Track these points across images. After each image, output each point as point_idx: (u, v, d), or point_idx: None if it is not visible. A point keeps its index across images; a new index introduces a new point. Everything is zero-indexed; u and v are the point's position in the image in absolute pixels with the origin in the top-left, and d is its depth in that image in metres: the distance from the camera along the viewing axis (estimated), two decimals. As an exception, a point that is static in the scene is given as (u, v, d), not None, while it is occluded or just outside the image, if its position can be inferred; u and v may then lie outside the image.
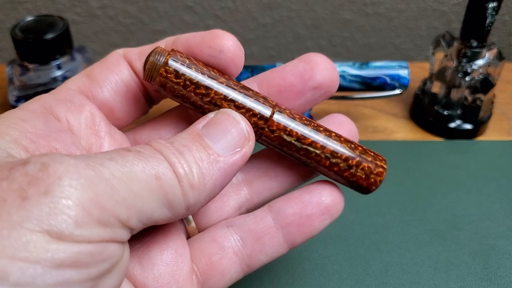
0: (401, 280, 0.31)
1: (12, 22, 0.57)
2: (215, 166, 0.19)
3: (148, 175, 0.17)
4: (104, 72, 0.22)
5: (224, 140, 0.19)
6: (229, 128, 0.20)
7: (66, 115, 0.20)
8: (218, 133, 0.19)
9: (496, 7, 0.37)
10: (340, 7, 0.57)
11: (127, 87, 0.22)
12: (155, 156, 0.18)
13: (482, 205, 0.36)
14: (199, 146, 0.19)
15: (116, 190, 0.16)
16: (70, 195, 0.15)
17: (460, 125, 0.42)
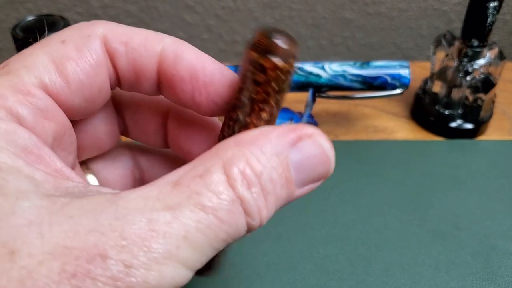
0: (401, 279, 0.31)
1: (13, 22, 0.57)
2: (287, 200, 0.17)
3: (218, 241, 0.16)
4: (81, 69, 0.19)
5: (308, 176, 0.18)
6: (318, 165, 0.18)
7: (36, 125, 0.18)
8: (306, 168, 0.17)
9: (497, 6, 0.37)
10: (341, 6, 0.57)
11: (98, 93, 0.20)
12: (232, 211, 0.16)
13: (483, 204, 0.36)
14: (284, 179, 0.17)
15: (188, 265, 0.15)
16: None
17: (461, 124, 0.42)
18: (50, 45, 0.18)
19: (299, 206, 0.36)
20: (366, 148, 0.41)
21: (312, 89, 0.40)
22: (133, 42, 0.19)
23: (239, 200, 0.16)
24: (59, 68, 0.18)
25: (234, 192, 0.16)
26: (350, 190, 0.37)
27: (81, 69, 0.18)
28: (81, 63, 0.18)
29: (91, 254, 0.14)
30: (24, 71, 0.18)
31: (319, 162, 0.18)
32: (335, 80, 0.39)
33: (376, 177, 0.38)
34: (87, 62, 0.18)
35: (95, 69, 0.19)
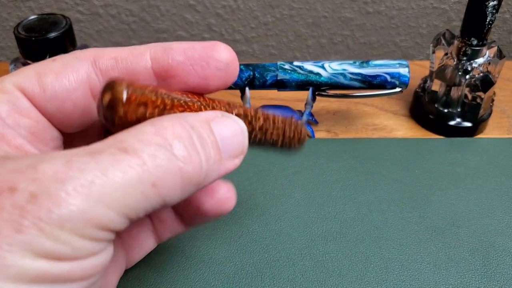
0: (401, 276, 0.31)
1: (15, 21, 0.57)
2: (217, 168, 0.19)
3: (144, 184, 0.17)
4: (58, 81, 0.21)
5: (229, 145, 0.20)
6: (236, 136, 0.20)
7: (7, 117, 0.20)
8: (226, 135, 0.20)
9: (497, 5, 0.37)
10: (341, 5, 0.57)
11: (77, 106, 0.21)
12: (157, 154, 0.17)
13: (482, 202, 0.36)
14: (211, 142, 0.19)
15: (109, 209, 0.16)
16: (60, 224, 0.15)
17: (460, 123, 0.42)
18: (42, 62, 0.21)
19: (299, 203, 0.36)
20: (365, 146, 0.41)
21: (312, 87, 0.40)
22: (121, 54, 0.21)
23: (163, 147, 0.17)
24: (39, 77, 0.20)
25: (160, 137, 0.17)
26: (350, 188, 0.37)
27: (59, 82, 0.20)
28: (60, 76, 0.20)
29: (2, 188, 0.15)
30: (7, 77, 0.20)
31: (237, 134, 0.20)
32: (335, 78, 0.39)
33: (375, 175, 0.38)
34: (66, 77, 0.20)
35: (73, 84, 0.21)
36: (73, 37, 0.39)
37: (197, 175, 0.18)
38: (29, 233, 0.15)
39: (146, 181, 0.16)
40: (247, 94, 0.40)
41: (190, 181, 0.18)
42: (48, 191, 0.15)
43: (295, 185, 0.37)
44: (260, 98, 0.46)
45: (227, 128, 0.20)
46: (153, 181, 0.17)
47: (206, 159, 0.18)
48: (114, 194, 0.16)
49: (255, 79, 0.40)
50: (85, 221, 0.16)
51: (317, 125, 0.44)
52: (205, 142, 0.19)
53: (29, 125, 0.20)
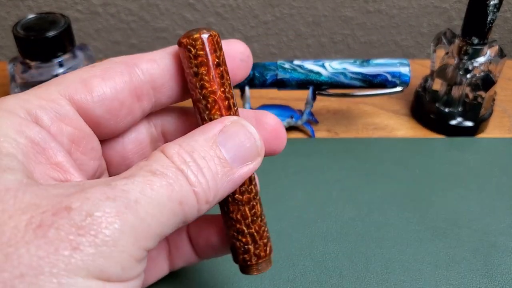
0: (401, 277, 0.31)
1: (14, 20, 0.57)
2: (227, 178, 0.20)
3: (173, 202, 0.18)
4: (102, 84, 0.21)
5: (238, 152, 0.20)
6: (245, 142, 0.20)
7: (51, 125, 0.20)
8: (234, 144, 0.20)
9: (498, 4, 0.37)
10: (341, 4, 0.57)
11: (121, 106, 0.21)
12: (178, 177, 0.18)
13: (483, 202, 0.36)
14: (216, 158, 0.19)
15: (150, 228, 0.17)
16: (115, 243, 0.16)
17: (461, 122, 0.42)
18: (81, 69, 0.21)
19: (299, 203, 0.36)
20: (366, 145, 0.41)
21: (312, 87, 0.40)
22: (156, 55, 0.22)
23: (180, 171, 0.18)
24: (85, 82, 0.20)
25: (174, 164, 0.19)
26: (351, 188, 0.37)
27: (106, 83, 0.20)
28: (106, 78, 0.21)
29: (57, 208, 0.16)
30: (52, 85, 0.20)
31: (245, 139, 0.20)
32: (336, 78, 0.39)
33: (376, 175, 0.38)
34: (112, 78, 0.21)
35: (120, 84, 0.21)
36: (72, 36, 0.39)
37: (206, 193, 0.19)
38: (86, 251, 0.15)
39: (175, 199, 0.18)
40: (247, 93, 0.40)
41: (202, 199, 0.19)
42: (103, 209, 0.16)
43: (295, 185, 0.37)
44: (260, 97, 0.46)
45: (236, 136, 0.20)
46: (179, 199, 0.18)
47: (213, 176, 0.19)
48: (153, 212, 0.17)
49: (255, 78, 0.40)
50: (133, 239, 0.17)
51: (317, 124, 0.44)
52: (210, 160, 0.19)
53: (71, 133, 0.20)
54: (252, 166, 0.21)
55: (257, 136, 0.21)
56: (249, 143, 0.20)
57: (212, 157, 0.19)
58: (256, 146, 0.21)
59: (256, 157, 0.21)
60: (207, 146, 0.20)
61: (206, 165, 0.19)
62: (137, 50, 0.60)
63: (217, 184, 0.19)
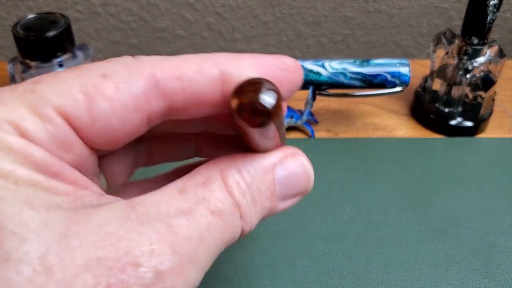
0: (401, 277, 0.31)
1: (13, 20, 0.57)
2: (269, 213, 0.19)
3: (225, 244, 0.18)
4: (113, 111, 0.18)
5: (290, 190, 0.20)
6: (300, 180, 0.20)
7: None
8: (289, 182, 0.20)
9: (497, 4, 0.37)
10: (341, 4, 0.57)
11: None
12: (234, 215, 0.18)
13: (483, 202, 0.36)
14: (269, 193, 0.19)
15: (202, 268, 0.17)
16: None
17: (460, 122, 0.42)
18: (89, 75, 0.17)
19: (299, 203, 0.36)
20: (366, 145, 0.41)
21: (312, 87, 0.40)
22: (187, 74, 0.18)
23: (236, 206, 0.18)
24: (89, 103, 0.16)
25: (232, 199, 0.18)
26: (350, 188, 0.37)
27: (113, 111, 0.17)
28: (115, 103, 0.17)
29: (123, 263, 0.14)
30: (51, 95, 0.16)
31: (300, 179, 0.20)
32: (335, 78, 0.39)
33: (376, 175, 0.38)
34: (122, 103, 0.17)
35: (130, 113, 0.17)
36: (71, 36, 0.39)
37: (251, 228, 0.19)
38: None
39: (226, 241, 0.18)
40: (247, 94, 0.40)
41: (245, 233, 0.19)
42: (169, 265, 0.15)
43: (295, 185, 0.37)
44: (260, 97, 0.46)
45: (293, 172, 0.20)
46: (229, 241, 0.18)
47: (261, 212, 0.19)
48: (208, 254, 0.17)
49: (255, 78, 0.40)
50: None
51: (317, 124, 0.44)
52: (263, 194, 0.19)
53: (71, 159, 0.17)
54: (295, 201, 0.20)
55: (311, 174, 0.20)
56: (302, 182, 0.20)
57: (266, 190, 0.19)
58: (307, 188, 0.20)
59: (302, 195, 0.21)
60: (265, 177, 0.19)
61: (260, 201, 0.19)
62: (137, 50, 0.60)
63: (260, 218, 0.19)
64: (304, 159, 0.20)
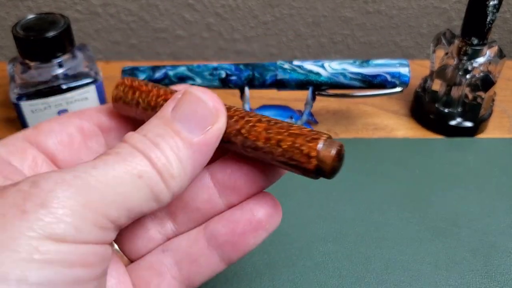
0: (401, 277, 0.31)
1: (13, 20, 0.57)
2: (190, 149, 0.19)
3: (131, 175, 0.18)
4: (50, 124, 0.23)
5: (193, 121, 0.20)
6: (196, 108, 0.20)
7: (9, 157, 0.21)
8: (187, 115, 0.20)
9: (497, 4, 0.37)
10: (341, 4, 0.57)
11: (71, 139, 0.23)
12: (133, 154, 0.18)
13: (483, 202, 0.36)
14: (171, 133, 0.19)
15: (104, 195, 0.17)
16: (64, 204, 0.16)
17: (460, 123, 0.42)
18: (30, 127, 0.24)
19: (299, 203, 0.36)
20: (366, 146, 0.41)
21: (312, 87, 0.40)
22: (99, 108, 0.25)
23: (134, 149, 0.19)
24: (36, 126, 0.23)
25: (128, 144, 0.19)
26: (350, 188, 0.37)
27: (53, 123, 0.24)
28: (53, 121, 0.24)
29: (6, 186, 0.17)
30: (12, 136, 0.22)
31: (196, 106, 0.20)
32: (335, 78, 0.39)
33: (376, 175, 0.38)
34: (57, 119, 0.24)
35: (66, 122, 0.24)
36: (71, 37, 0.39)
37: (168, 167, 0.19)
38: (34, 213, 0.16)
39: (131, 173, 0.18)
40: (246, 94, 0.40)
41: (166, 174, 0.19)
42: (49, 177, 0.17)
43: (295, 185, 0.37)
44: (259, 97, 0.46)
45: (186, 106, 0.20)
46: (137, 173, 0.18)
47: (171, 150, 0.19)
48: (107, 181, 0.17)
49: (255, 79, 0.40)
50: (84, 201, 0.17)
51: (317, 125, 0.44)
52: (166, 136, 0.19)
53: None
54: (215, 128, 0.20)
55: (209, 99, 0.20)
56: (200, 108, 0.20)
57: (167, 132, 0.19)
58: (209, 108, 0.20)
59: (214, 119, 0.20)
60: (162, 124, 0.20)
61: (163, 141, 0.19)
62: (136, 50, 0.60)
63: (180, 157, 0.19)
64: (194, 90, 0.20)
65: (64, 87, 0.38)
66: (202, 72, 0.40)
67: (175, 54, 0.61)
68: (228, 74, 0.40)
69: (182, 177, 0.19)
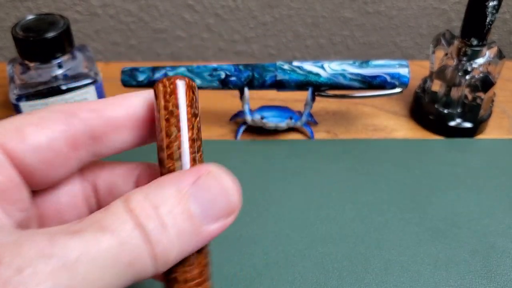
0: (401, 278, 0.31)
1: (13, 21, 0.57)
2: (195, 238, 0.18)
3: (121, 264, 0.16)
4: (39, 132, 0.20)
5: (210, 209, 0.18)
6: (219, 198, 0.19)
7: None
8: (206, 200, 0.18)
9: (497, 5, 0.37)
10: (341, 5, 0.57)
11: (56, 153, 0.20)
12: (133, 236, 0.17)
13: (482, 203, 0.36)
14: (184, 214, 0.18)
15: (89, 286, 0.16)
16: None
17: (460, 123, 0.42)
18: (19, 115, 0.20)
19: (298, 204, 0.36)
20: (365, 146, 0.41)
21: (311, 88, 0.40)
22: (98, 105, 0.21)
23: (139, 228, 0.17)
24: (18, 129, 0.19)
25: (133, 219, 0.17)
26: (350, 189, 0.37)
27: (40, 131, 0.19)
28: (40, 126, 0.19)
29: None
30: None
31: (219, 195, 0.19)
32: (335, 79, 0.39)
33: (375, 176, 0.38)
34: (47, 126, 0.20)
35: (55, 133, 0.20)
36: (71, 37, 0.39)
37: (168, 253, 0.17)
38: None
39: (123, 261, 0.16)
40: (246, 95, 0.40)
41: (161, 260, 0.17)
42: (35, 266, 0.15)
43: (295, 186, 0.37)
44: (259, 98, 0.46)
45: (209, 190, 0.18)
46: (129, 261, 0.16)
47: (178, 234, 0.17)
48: (94, 273, 0.16)
49: (254, 80, 0.40)
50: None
51: (316, 125, 0.44)
52: (177, 216, 0.18)
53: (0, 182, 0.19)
54: (224, 223, 0.19)
55: (232, 191, 0.19)
56: (222, 199, 0.19)
57: (180, 212, 0.18)
58: (229, 202, 0.19)
59: (229, 215, 0.19)
60: (177, 199, 0.18)
61: (173, 222, 0.17)
62: (136, 51, 0.60)
63: (181, 244, 0.18)
64: (221, 173, 0.19)
65: (64, 88, 0.38)
66: (202, 72, 0.40)
67: (174, 55, 0.61)
68: (227, 75, 0.40)
69: (173, 262, 0.18)
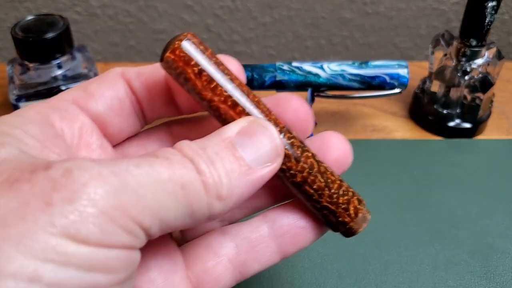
0: (400, 278, 0.31)
1: (12, 21, 0.57)
2: (245, 178, 0.18)
3: (174, 184, 0.17)
4: (100, 87, 0.21)
5: (257, 152, 0.19)
6: (264, 141, 0.19)
7: (61, 123, 0.20)
8: (252, 144, 0.19)
9: (496, 6, 0.37)
10: (340, 6, 0.57)
11: (121, 104, 0.22)
12: (184, 164, 0.17)
13: (481, 203, 0.36)
14: (231, 156, 0.18)
15: (141, 199, 0.16)
16: (95, 202, 0.15)
17: (459, 124, 0.42)
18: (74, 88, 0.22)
19: (298, 205, 0.36)
20: (364, 147, 0.41)
21: (311, 88, 0.40)
22: (143, 68, 0.22)
23: (187, 159, 0.17)
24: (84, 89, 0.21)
25: (181, 153, 0.18)
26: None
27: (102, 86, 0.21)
28: (101, 84, 0.21)
29: (37, 166, 0.15)
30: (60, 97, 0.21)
31: (264, 139, 0.19)
32: (334, 79, 0.39)
33: (374, 176, 0.38)
34: (107, 84, 0.21)
35: (114, 85, 0.21)
36: (70, 38, 0.39)
37: (218, 187, 0.18)
38: (59, 208, 0.14)
39: (176, 181, 0.17)
40: (245, 95, 0.40)
41: (212, 191, 0.18)
42: (85, 168, 0.15)
43: (294, 186, 0.37)
44: (258, 99, 0.46)
45: (254, 136, 0.19)
46: (182, 182, 0.17)
47: (227, 173, 0.18)
48: (146, 185, 0.16)
49: (254, 80, 0.40)
50: (117, 203, 0.15)
51: (316, 126, 0.44)
52: (224, 157, 0.18)
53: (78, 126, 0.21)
54: (273, 167, 0.19)
55: (277, 135, 0.20)
56: (269, 144, 0.19)
57: (227, 155, 0.18)
58: (276, 146, 0.19)
59: (276, 158, 0.20)
60: (223, 144, 0.18)
61: (220, 161, 0.18)
62: (135, 51, 0.60)
63: (232, 181, 0.18)
64: (262, 120, 0.20)
65: (63, 88, 0.38)
66: (201, 73, 0.40)
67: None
68: (227, 76, 0.40)
69: (227, 202, 0.18)
